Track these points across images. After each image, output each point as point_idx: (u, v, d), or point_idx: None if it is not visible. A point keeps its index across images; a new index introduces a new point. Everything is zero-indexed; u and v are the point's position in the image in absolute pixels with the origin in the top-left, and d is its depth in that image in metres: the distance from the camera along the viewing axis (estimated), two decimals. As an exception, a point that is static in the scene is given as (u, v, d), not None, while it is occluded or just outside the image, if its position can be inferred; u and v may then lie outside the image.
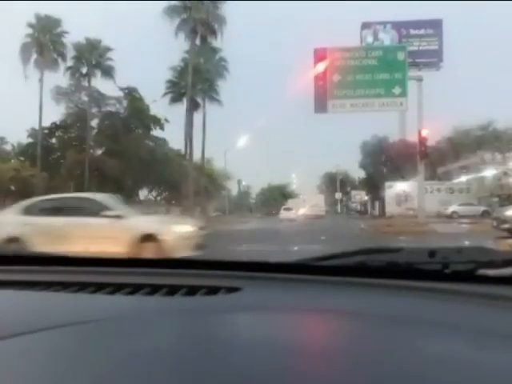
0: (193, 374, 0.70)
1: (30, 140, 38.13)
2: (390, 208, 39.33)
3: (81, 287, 1.20)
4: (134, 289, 1.17)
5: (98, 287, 1.19)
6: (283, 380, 0.69)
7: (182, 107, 37.49)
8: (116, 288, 1.18)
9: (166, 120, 39.08)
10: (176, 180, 35.38)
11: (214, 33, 37.88)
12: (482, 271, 1.19)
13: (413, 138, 28.75)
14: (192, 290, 1.15)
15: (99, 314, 1.01)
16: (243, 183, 67.63)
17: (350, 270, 1.27)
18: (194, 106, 37.27)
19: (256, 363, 0.74)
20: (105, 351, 0.80)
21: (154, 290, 1.17)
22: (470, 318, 0.98)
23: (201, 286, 1.18)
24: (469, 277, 1.19)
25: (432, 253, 1.25)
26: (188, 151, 36.31)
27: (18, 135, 38.51)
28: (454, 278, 1.19)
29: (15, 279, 1.28)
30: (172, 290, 1.16)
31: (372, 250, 1.36)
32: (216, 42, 38.45)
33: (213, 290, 1.15)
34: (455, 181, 40.79)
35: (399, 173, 38.38)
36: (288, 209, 48.69)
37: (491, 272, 1.20)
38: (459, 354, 0.78)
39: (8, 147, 38.36)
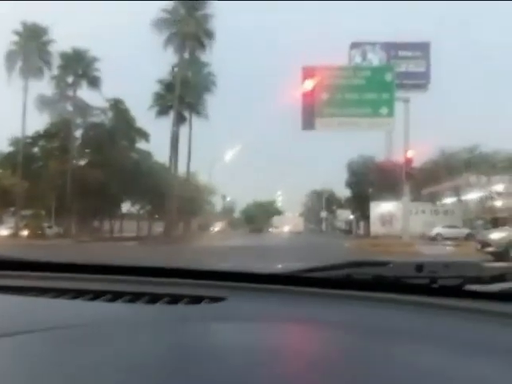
0: (173, 382, 0.71)
1: (12, 149, 37.39)
2: (375, 228, 39.27)
3: (60, 293, 1.18)
4: (115, 296, 1.15)
5: (78, 293, 1.17)
6: None
7: (168, 120, 37.20)
8: (96, 295, 1.16)
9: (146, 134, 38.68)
10: (160, 193, 34.94)
11: (202, 47, 37.84)
12: (470, 286, 1.19)
13: (399, 158, 28.72)
14: (174, 299, 1.13)
15: (78, 320, 1.00)
16: (228, 198, 67.14)
17: (337, 282, 1.26)
18: (180, 120, 37.02)
19: (239, 373, 0.73)
20: (81, 357, 0.80)
21: (135, 297, 1.14)
22: (457, 333, 0.98)
23: (184, 295, 1.15)
24: (456, 292, 1.18)
25: (419, 267, 1.24)
26: (173, 165, 35.96)
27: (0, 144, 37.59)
28: (441, 293, 1.18)
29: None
30: (154, 298, 1.13)
31: (359, 263, 1.36)
32: (204, 56, 38.46)
33: (196, 300, 1.13)
34: (440, 202, 40.87)
35: (385, 193, 38.36)
36: (276, 227, 62.48)
37: (479, 287, 1.19)
38: (446, 368, 0.78)
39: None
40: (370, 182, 41.70)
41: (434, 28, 41.72)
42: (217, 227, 52.24)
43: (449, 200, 40.40)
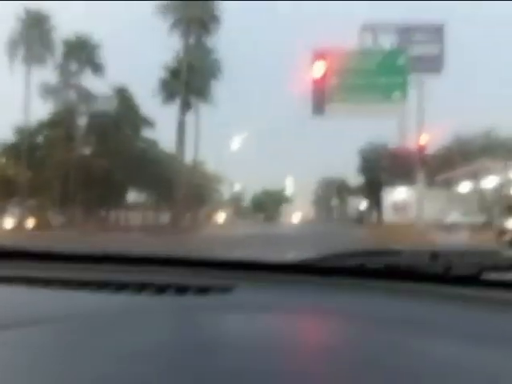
0: (181, 373, 0.72)
1: (16, 138, 36.96)
2: (388, 216, 38.51)
3: (64, 284, 1.18)
4: (121, 286, 1.14)
5: (83, 284, 1.17)
6: (274, 379, 0.70)
7: (174, 107, 36.46)
8: (101, 285, 1.15)
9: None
10: (166, 182, 34.39)
11: (208, 32, 37.05)
12: (487, 275, 1.16)
13: (412, 144, 28.01)
14: (182, 289, 1.12)
15: (83, 310, 1.01)
16: (236, 187, 66.45)
17: (349, 271, 1.24)
18: (186, 107, 36.28)
19: (247, 363, 0.74)
20: (87, 348, 0.81)
21: (141, 287, 1.13)
22: (473, 323, 0.97)
23: (191, 284, 1.14)
24: (473, 280, 1.16)
25: (434, 255, 1.23)
26: (179, 153, 35.32)
27: (2, 133, 37.21)
28: (457, 282, 1.17)
29: (4, 275, 1.25)
30: (161, 288, 1.12)
31: (371, 251, 1.34)
32: (211, 42, 37.67)
33: (203, 289, 1.12)
34: (455, 189, 39.96)
35: (398, 180, 37.60)
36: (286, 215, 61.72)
37: (496, 276, 1.17)
38: (462, 358, 0.79)
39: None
40: (382, 168, 40.94)
41: (447, 9, 40.57)
42: (220, 217, 51.11)
43: (464, 186, 39.44)
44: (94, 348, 0.79)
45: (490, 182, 36.00)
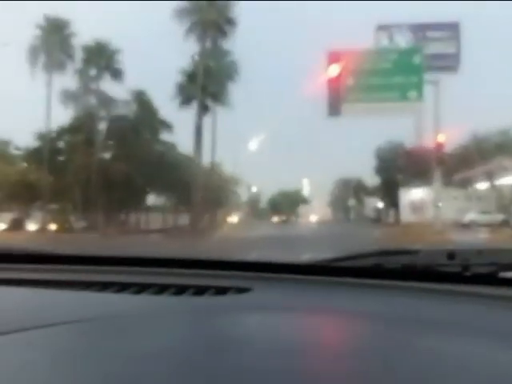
0: (199, 373, 0.72)
1: (37, 143, 37.64)
2: (405, 215, 38.35)
3: (87, 285, 1.19)
4: (141, 288, 1.15)
5: (105, 286, 1.18)
6: (292, 380, 0.69)
7: (191, 111, 36.81)
8: (122, 287, 1.16)
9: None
10: (184, 185, 34.73)
11: (224, 35, 37.29)
12: (505, 273, 1.15)
13: (429, 143, 27.88)
14: (200, 290, 1.13)
15: (105, 312, 1.01)
16: (254, 188, 66.64)
17: (366, 271, 1.23)
18: (203, 110, 36.59)
19: (265, 363, 0.74)
20: (110, 348, 0.82)
21: (161, 289, 1.14)
22: (491, 321, 0.96)
23: (209, 286, 1.15)
24: (491, 279, 1.15)
25: (451, 254, 1.21)
26: (197, 155, 35.65)
27: (24, 139, 37.97)
28: (474, 281, 1.15)
29: (23, 278, 1.27)
30: (180, 290, 1.14)
31: (388, 251, 1.32)
32: (227, 45, 37.92)
33: (222, 291, 1.13)
34: (473, 188, 39.64)
35: (415, 179, 37.42)
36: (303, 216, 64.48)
37: None
38: (481, 357, 0.78)
39: (15, 151, 37.91)
40: (399, 168, 40.76)
41: (464, 7, 40.23)
42: (234, 218, 51.20)
43: (482, 185, 39.11)
44: (115, 348, 0.81)
45: (507, 181, 35.73)
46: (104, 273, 1.34)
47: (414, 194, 38.74)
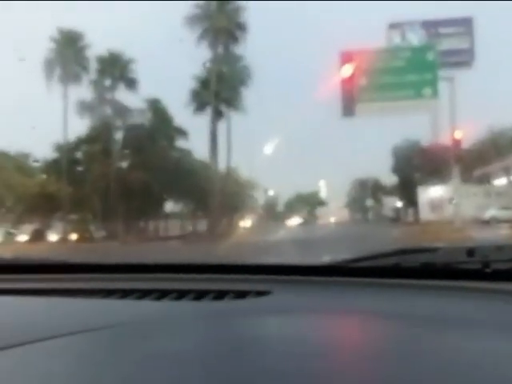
0: (220, 377, 0.72)
1: (56, 155, 38.17)
2: (425, 214, 37.99)
3: (108, 293, 1.20)
4: (161, 294, 1.16)
5: (125, 293, 1.18)
6: (313, 381, 0.69)
7: (205, 117, 37.03)
8: (143, 294, 1.17)
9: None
10: (202, 191, 34.91)
11: (236, 40, 37.48)
12: None
13: (446, 140, 27.62)
14: (220, 295, 1.13)
15: (127, 318, 1.02)
16: (270, 192, 66.63)
17: (385, 271, 1.23)
18: (218, 115, 36.79)
19: (286, 365, 0.74)
20: (132, 354, 0.82)
21: (181, 295, 1.16)
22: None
23: (229, 290, 1.16)
24: (511, 275, 1.14)
25: (471, 251, 1.21)
26: (213, 161, 35.81)
27: (43, 150, 38.51)
28: (495, 277, 1.14)
29: (43, 287, 1.27)
30: (199, 295, 1.14)
31: (407, 250, 1.31)
32: (239, 50, 38.09)
33: (241, 294, 1.13)
34: (492, 184, 39.15)
35: (433, 177, 37.07)
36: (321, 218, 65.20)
37: None
38: (502, 352, 0.78)
39: (34, 163, 38.45)
40: (416, 166, 40.41)
41: (476, 1, 39.82)
42: (251, 222, 50.88)
43: (501, 181, 38.59)
44: (137, 354, 0.81)
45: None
46: (124, 280, 1.35)
47: (432, 192, 38.34)
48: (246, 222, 50.72)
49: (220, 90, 36.07)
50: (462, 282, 1.14)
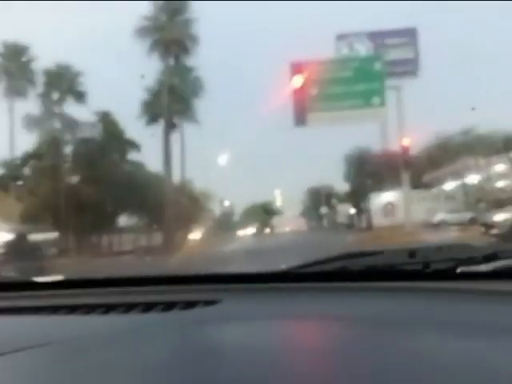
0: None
1: (1, 171, 36.97)
2: (377, 220, 38.79)
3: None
4: (109, 308, 1.15)
5: (71, 310, 1.17)
6: None
7: (158, 129, 36.70)
8: (90, 308, 1.16)
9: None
10: (155, 204, 34.50)
11: (187, 52, 37.44)
12: (463, 268, 1.18)
13: (395, 147, 28.38)
14: (169, 306, 1.13)
15: (74, 333, 1.02)
16: (226, 203, 66.55)
17: (332, 275, 1.25)
18: (170, 127, 36.53)
19: (238, 373, 0.74)
20: (85, 370, 0.82)
21: (128, 308, 1.14)
22: (454, 315, 0.98)
23: (178, 301, 1.16)
24: (450, 274, 1.19)
25: (412, 253, 1.25)
26: (167, 173, 35.49)
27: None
28: (435, 277, 1.19)
29: (5, 306, 1.27)
30: (148, 307, 1.13)
31: (353, 254, 1.35)
32: (190, 61, 38.05)
33: (190, 305, 1.13)
34: (441, 188, 40.42)
35: (384, 183, 37.95)
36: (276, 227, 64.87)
37: (472, 268, 1.19)
38: (448, 350, 0.80)
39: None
40: (368, 173, 41.27)
41: (419, 12, 41.29)
42: (206, 234, 50.50)
43: (449, 185, 39.91)
44: (85, 368, 0.82)
45: (473, 179, 36.56)
46: (72, 296, 1.33)
47: (384, 198, 39.23)
48: (200, 234, 50.38)
49: (172, 101, 35.89)
50: (405, 283, 1.17)
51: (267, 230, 60.35)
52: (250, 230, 63.31)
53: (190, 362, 0.79)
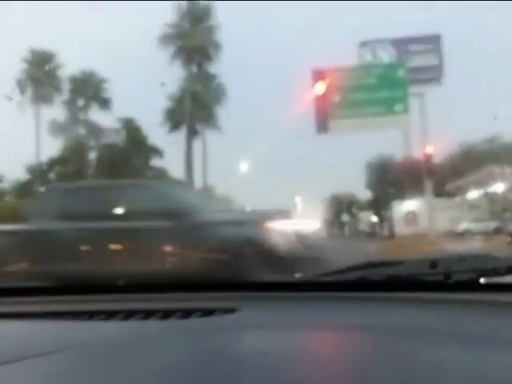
0: None
1: (28, 177, 37.62)
2: (400, 228, 38.37)
3: (74, 315, 1.20)
4: (127, 315, 1.16)
5: (91, 315, 1.18)
6: None
7: (181, 135, 36.98)
8: (109, 315, 1.17)
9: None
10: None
11: (210, 59, 37.66)
12: (486, 279, 1.17)
13: (418, 155, 28.08)
14: (187, 313, 1.13)
15: (93, 339, 1.02)
16: (248, 209, 66.56)
17: (352, 284, 1.25)
18: (193, 134, 36.77)
19: (261, 381, 0.74)
20: (97, 375, 0.82)
21: (147, 315, 1.15)
22: (476, 327, 0.97)
23: (195, 308, 1.16)
24: (472, 285, 1.18)
25: (434, 263, 1.23)
26: (188, 180, 35.69)
27: (16, 172, 37.97)
28: (457, 288, 1.18)
29: (12, 311, 1.28)
30: (166, 314, 1.14)
31: (373, 263, 1.33)
32: (213, 68, 38.28)
33: (208, 312, 1.13)
34: (465, 197, 39.85)
35: (407, 192, 37.58)
36: None
37: (496, 280, 1.18)
38: (468, 363, 0.79)
39: (5, 185, 37.83)
40: (390, 181, 40.95)
41: (444, 19, 41.00)
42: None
43: (473, 194, 39.32)
44: (102, 374, 0.82)
45: (498, 188, 35.95)
46: (89, 302, 1.33)
47: (406, 206, 38.82)
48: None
49: (195, 108, 36.13)
50: (426, 294, 1.16)
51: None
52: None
53: (207, 370, 0.79)
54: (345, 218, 63.69)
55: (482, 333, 0.93)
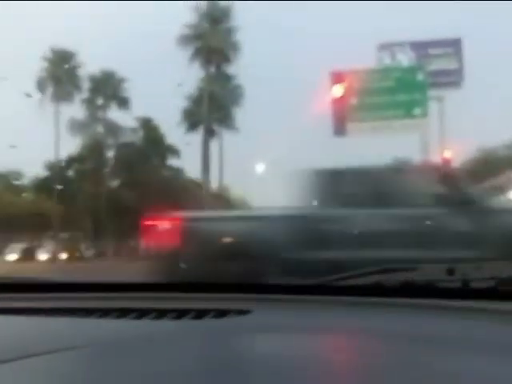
0: None
1: (47, 173, 38.08)
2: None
3: (88, 312, 1.19)
4: (141, 313, 1.15)
5: (104, 313, 1.17)
6: None
7: (198, 136, 37.14)
8: (122, 313, 1.16)
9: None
10: (194, 209, 34.83)
11: (228, 60, 37.77)
12: (505, 287, 1.15)
13: (436, 159, 27.82)
14: (200, 314, 1.12)
15: (106, 338, 1.02)
16: (263, 211, 66.48)
17: (367, 289, 1.24)
18: (210, 134, 36.91)
19: (269, 383, 0.74)
20: (109, 373, 0.82)
21: (160, 314, 1.14)
22: (494, 336, 0.95)
23: (209, 309, 1.15)
24: (491, 294, 1.15)
25: (451, 270, 1.22)
26: (205, 180, 35.84)
27: (35, 168, 38.41)
28: (474, 296, 1.15)
29: (23, 306, 1.28)
30: (179, 314, 1.13)
31: (388, 269, 1.32)
32: (231, 69, 38.38)
33: (221, 313, 1.12)
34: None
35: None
36: None
37: None
38: (484, 372, 0.78)
39: (25, 181, 38.40)
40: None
41: (465, 22, 40.50)
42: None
43: (493, 199, 38.77)
44: (115, 373, 0.82)
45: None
46: (103, 300, 1.33)
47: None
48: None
49: (212, 109, 36.25)
50: (442, 301, 1.14)
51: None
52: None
53: (220, 371, 0.79)
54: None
55: (497, 342, 0.91)
